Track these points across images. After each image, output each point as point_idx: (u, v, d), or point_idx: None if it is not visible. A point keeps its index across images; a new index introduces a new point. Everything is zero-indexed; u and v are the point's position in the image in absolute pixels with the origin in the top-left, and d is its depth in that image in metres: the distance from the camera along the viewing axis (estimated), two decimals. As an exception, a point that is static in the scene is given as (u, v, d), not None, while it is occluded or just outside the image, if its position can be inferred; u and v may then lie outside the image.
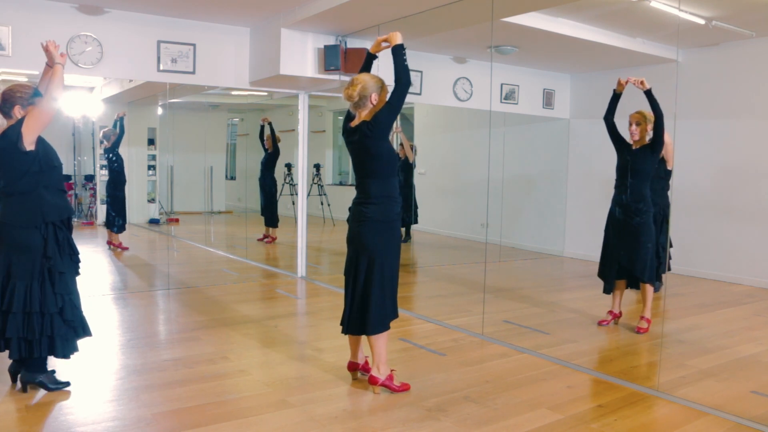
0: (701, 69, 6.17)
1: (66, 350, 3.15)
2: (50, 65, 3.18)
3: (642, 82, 4.24)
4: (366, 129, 3.16)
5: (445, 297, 5.91)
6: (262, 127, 8.34)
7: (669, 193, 5.24)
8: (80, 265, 3.29)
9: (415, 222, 8.67)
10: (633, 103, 4.61)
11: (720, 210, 6.13)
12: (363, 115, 3.21)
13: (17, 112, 3.04)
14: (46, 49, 3.16)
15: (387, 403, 3.16)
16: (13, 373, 3.19)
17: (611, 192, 4.67)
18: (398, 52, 3.19)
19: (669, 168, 5.25)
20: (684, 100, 5.94)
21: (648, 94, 4.23)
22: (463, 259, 8.03)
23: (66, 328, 3.13)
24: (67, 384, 3.21)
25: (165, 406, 3.02)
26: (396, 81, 3.17)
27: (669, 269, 5.71)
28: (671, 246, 5.66)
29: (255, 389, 3.29)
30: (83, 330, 3.23)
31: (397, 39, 3.21)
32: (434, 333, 4.48)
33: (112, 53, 5.26)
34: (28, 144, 3.00)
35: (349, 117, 3.31)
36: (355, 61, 5.52)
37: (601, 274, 4.71)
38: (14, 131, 2.99)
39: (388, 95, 3.23)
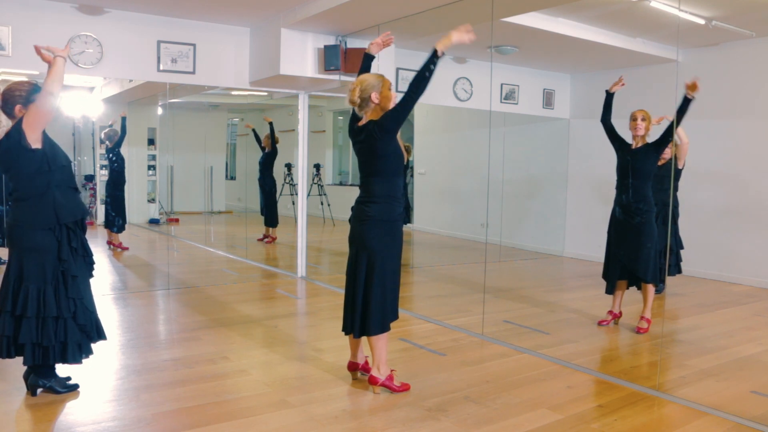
0: (701, 69, 6.15)
1: (78, 356, 3.09)
2: (47, 61, 3.01)
3: (694, 86, 4.05)
4: (374, 129, 3.13)
5: (445, 297, 5.91)
6: (253, 130, 8.44)
7: (677, 193, 5.25)
8: (94, 266, 3.27)
9: (409, 222, 8.68)
10: (633, 103, 4.61)
11: (720, 210, 6.13)
12: (369, 116, 3.19)
13: (18, 111, 2.98)
14: (38, 51, 3.00)
15: (387, 403, 3.16)
16: (27, 378, 3.13)
17: (611, 192, 4.67)
18: (430, 58, 3.09)
19: (680, 167, 5.26)
20: (684, 100, 5.94)
21: (689, 102, 4.12)
22: (463, 259, 8.03)
23: (80, 333, 3.08)
24: (76, 387, 3.20)
25: (165, 406, 3.02)
26: (410, 85, 3.09)
27: (680, 271, 5.71)
28: (682, 248, 5.66)
29: (255, 389, 3.29)
30: (98, 334, 3.19)
31: (443, 44, 3.11)
32: (434, 333, 4.48)
33: (112, 53, 5.26)
34: (33, 141, 2.93)
35: (355, 117, 3.29)
36: (355, 61, 5.52)
37: (606, 275, 4.71)
38: (16, 130, 2.93)
39: (391, 90, 3.21)
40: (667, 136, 4.34)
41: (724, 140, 6.13)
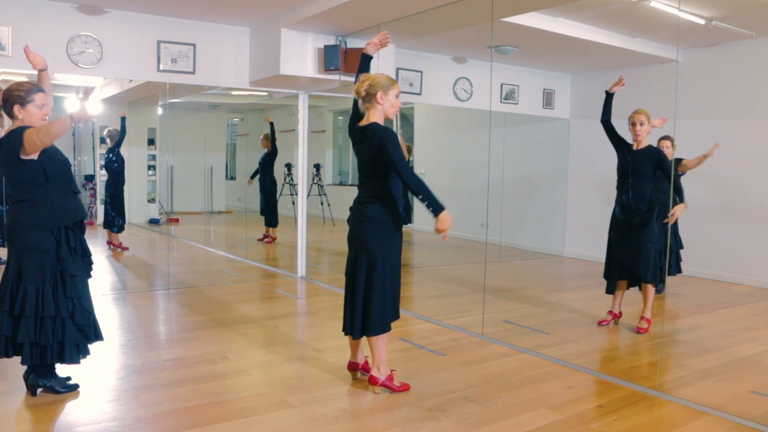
0: (701, 69, 6.16)
1: (76, 356, 3.09)
2: (35, 65, 3.10)
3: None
4: (375, 139, 3.07)
5: (445, 297, 5.91)
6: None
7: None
8: (92, 266, 3.27)
9: (410, 221, 8.68)
10: (633, 103, 4.60)
11: (720, 210, 6.13)
12: (372, 116, 3.17)
13: (17, 111, 2.99)
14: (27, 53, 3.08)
15: (387, 403, 3.16)
16: (27, 378, 3.13)
17: (611, 192, 4.67)
18: (431, 207, 3.04)
19: (680, 172, 5.33)
20: (684, 100, 5.95)
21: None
22: (463, 259, 8.03)
23: (77, 333, 3.08)
24: (76, 387, 3.20)
25: (165, 406, 3.02)
26: (412, 174, 3.06)
27: (680, 271, 5.73)
28: (682, 248, 5.67)
29: (255, 389, 3.29)
30: (95, 334, 3.19)
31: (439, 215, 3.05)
32: (434, 333, 4.48)
33: (112, 53, 5.26)
34: (26, 155, 2.91)
35: (356, 116, 3.27)
36: (355, 61, 5.52)
37: (606, 275, 4.72)
38: (17, 137, 2.91)
39: (398, 98, 3.19)
40: (668, 175, 4.36)
41: (724, 140, 6.12)
